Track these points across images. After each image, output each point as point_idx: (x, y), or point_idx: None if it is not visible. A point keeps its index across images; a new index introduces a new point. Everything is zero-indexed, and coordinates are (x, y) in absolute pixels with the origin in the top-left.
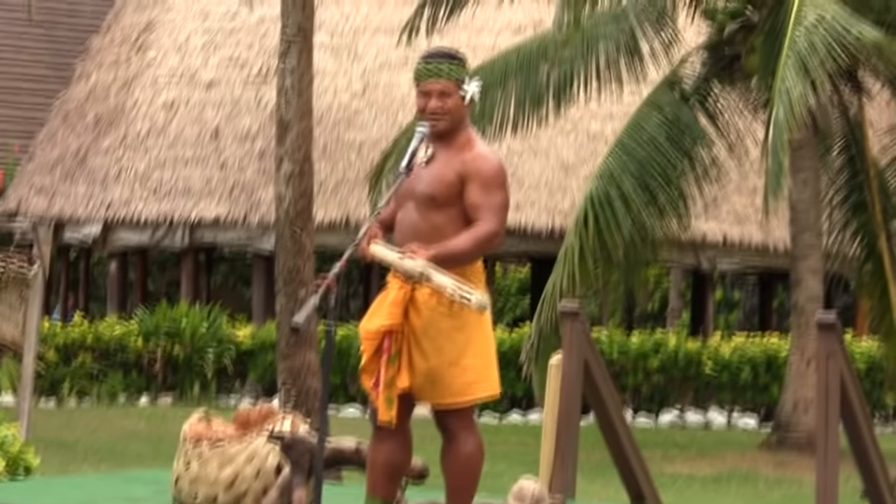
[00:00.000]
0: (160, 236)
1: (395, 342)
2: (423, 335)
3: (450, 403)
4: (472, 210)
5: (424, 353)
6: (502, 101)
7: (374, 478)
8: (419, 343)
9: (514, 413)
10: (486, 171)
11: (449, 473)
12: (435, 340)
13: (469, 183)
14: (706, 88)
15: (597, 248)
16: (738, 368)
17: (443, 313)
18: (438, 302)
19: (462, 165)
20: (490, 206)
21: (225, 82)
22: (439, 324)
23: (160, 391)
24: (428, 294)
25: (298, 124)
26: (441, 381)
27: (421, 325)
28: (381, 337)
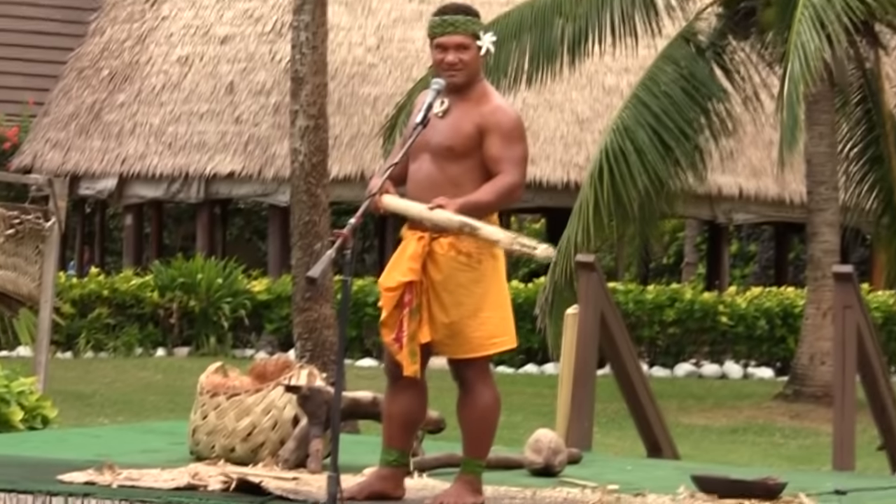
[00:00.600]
0: (175, 190)
1: (416, 295)
2: (442, 289)
3: (469, 356)
4: (493, 163)
5: (444, 307)
6: (517, 55)
7: (390, 429)
8: (438, 296)
9: (530, 366)
10: (505, 123)
11: (466, 424)
12: (454, 294)
13: (488, 135)
14: (722, 42)
15: (612, 202)
16: (754, 321)
17: (461, 266)
18: (457, 254)
19: (481, 118)
20: (511, 159)
21: (239, 37)
22: (458, 277)
23: (176, 344)
24: (447, 247)
25: (313, 79)
26: (461, 334)
27: (440, 279)
28: (402, 291)
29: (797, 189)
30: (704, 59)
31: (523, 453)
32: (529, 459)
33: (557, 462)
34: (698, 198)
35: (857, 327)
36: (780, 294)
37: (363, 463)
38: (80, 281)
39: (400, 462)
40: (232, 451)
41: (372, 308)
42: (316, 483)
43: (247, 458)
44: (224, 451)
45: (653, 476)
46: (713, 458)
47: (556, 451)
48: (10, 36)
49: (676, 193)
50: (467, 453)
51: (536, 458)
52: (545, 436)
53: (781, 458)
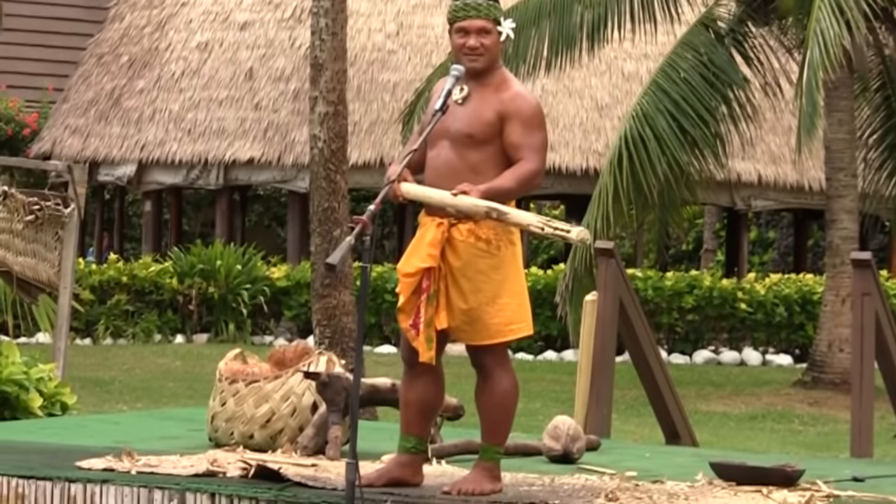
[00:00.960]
0: (194, 176)
1: (434, 281)
2: (460, 275)
3: (487, 343)
4: (514, 149)
5: (463, 293)
6: (536, 41)
7: (408, 416)
8: (457, 283)
9: (549, 353)
10: (525, 110)
11: (484, 410)
12: (473, 280)
13: (509, 122)
14: (741, 29)
15: (631, 189)
16: (772, 307)
17: (480, 252)
18: (476, 241)
19: (501, 105)
20: (531, 146)
21: (259, 23)
22: (477, 263)
23: (195, 330)
24: (466, 233)
25: (332, 65)
26: (479, 320)
27: (459, 265)
28: (420, 277)
29: (816, 176)
30: (724, 45)
31: (542, 440)
32: (548, 446)
33: (576, 449)
34: (717, 184)
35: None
36: (799, 281)
37: (382, 450)
38: (99, 267)
39: (418, 448)
40: (251, 438)
41: (391, 295)
42: (335, 470)
43: (265, 445)
44: (243, 438)
45: (671, 463)
46: (732, 444)
47: (575, 438)
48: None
49: (696, 180)
50: (486, 440)
51: (555, 445)
52: (564, 422)
53: (800, 445)
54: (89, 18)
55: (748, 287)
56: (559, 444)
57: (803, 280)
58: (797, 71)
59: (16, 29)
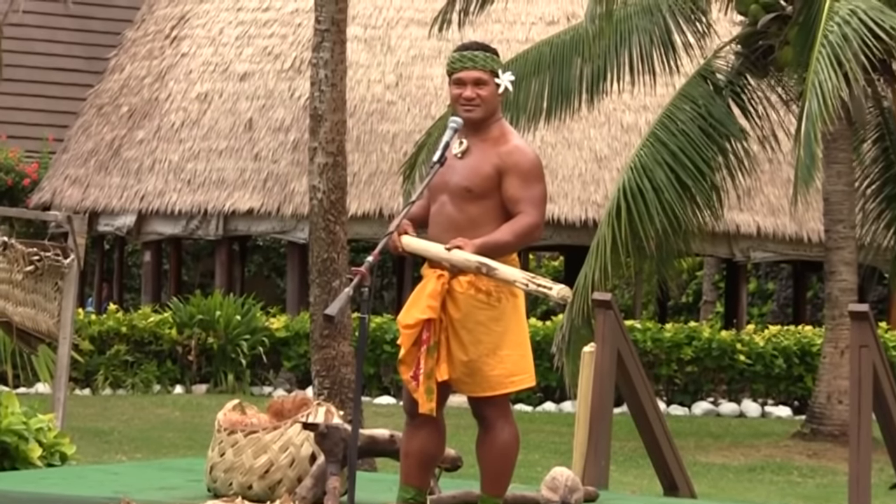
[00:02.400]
0: (194, 227)
1: (434, 333)
2: (461, 327)
3: (488, 395)
4: (512, 203)
5: (463, 345)
6: (536, 93)
7: (408, 466)
8: (457, 334)
9: (548, 404)
10: (524, 164)
11: (485, 461)
12: (473, 332)
13: (507, 176)
14: (739, 81)
15: (629, 240)
16: (771, 359)
17: (481, 304)
18: (476, 292)
19: (499, 158)
20: (530, 199)
21: (258, 74)
22: (477, 315)
23: (194, 381)
24: (466, 285)
25: (332, 116)
26: (479, 372)
27: (459, 317)
28: (420, 328)
29: (815, 227)
30: (722, 97)
31: (540, 491)
32: (546, 497)
33: (574, 500)
34: (716, 236)
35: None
36: (798, 332)
37: (380, 501)
38: (98, 318)
39: (417, 500)
40: (249, 489)
41: (389, 345)
42: None
43: (264, 496)
44: (241, 489)
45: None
46: (731, 496)
47: (573, 490)
48: (29, 72)
49: (694, 232)
50: (486, 490)
51: (553, 497)
52: (562, 474)
53: (799, 497)
54: (89, 69)
55: (747, 339)
56: (557, 496)
57: (802, 332)
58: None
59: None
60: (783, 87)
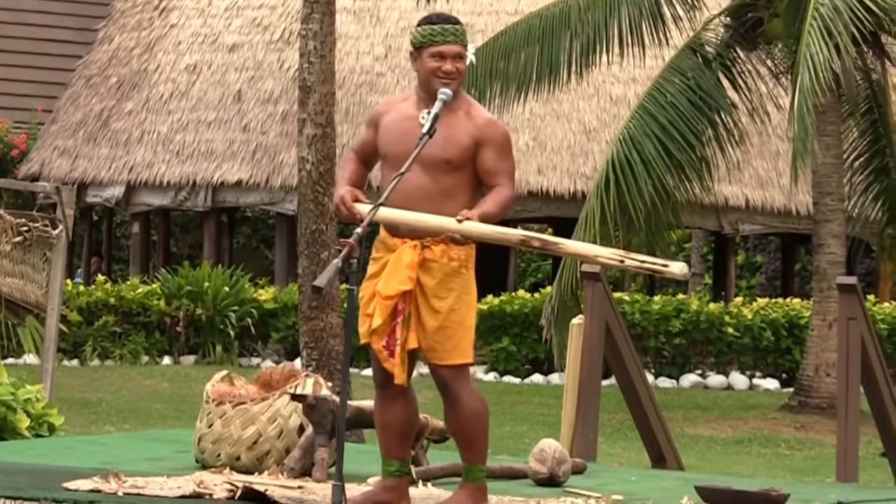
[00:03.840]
0: (183, 198)
1: (409, 304)
2: (432, 295)
3: (457, 363)
4: (489, 175)
5: (436, 312)
6: (525, 65)
7: (387, 439)
8: (429, 302)
9: (536, 376)
10: (500, 136)
11: (459, 430)
12: (446, 299)
13: (484, 148)
14: (729, 53)
15: (618, 212)
16: (759, 332)
17: (454, 271)
18: (449, 261)
19: (477, 130)
20: (506, 172)
21: (248, 45)
22: (451, 282)
23: (182, 352)
24: (440, 253)
25: (321, 87)
26: (452, 339)
27: (433, 284)
28: (397, 300)
29: (803, 200)
30: (711, 69)
31: (528, 463)
32: (534, 469)
33: (562, 472)
34: (705, 208)
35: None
36: (786, 305)
37: (368, 472)
38: (86, 289)
39: (402, 471)
40: (237, 460)
41: None
42: (321, 492)
43: (252, 467)
44: (229, 460)
45: (657, 487)
46: (718, 468)
47: (561, 462)
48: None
49: (683, 204)
50: (466, 460)
51: (541, 468)
52: (550, 446)
53: (786, 469)
54: (78, 40)
55: (735, 311)
56: (545, 468)
57: (790, 304)
58: (784, 95)
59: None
60: (772, 60)
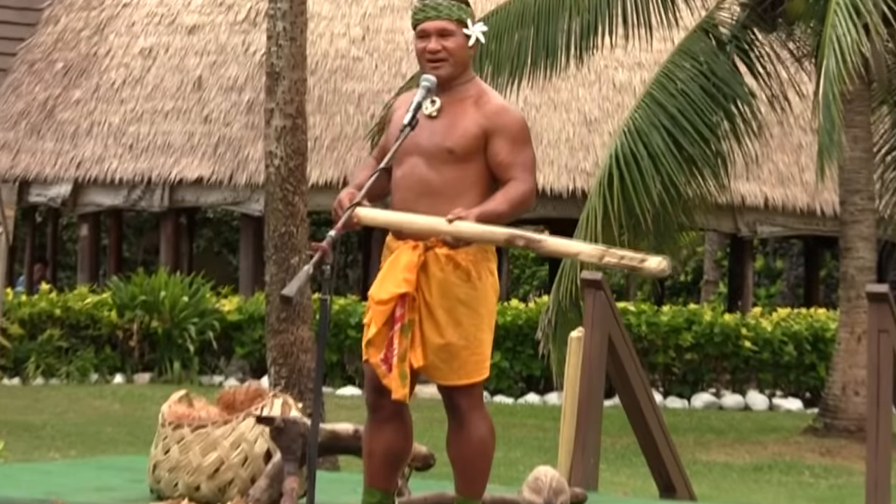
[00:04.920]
0: (136, 197)
1: (409, 311)
2: (437, 306)
3: (466, 383)
4: (502, 169)
5: (439, 327)
6: (518, 48)
7: (372, 467)
8: (432, 315)
9: (531, 395)
10: (513, 125)
11: (459, 459)
12: (451, 312)
13: (495, 139)
14: (745, 35)
15: (623, 212)
16: (780, 346)
17: (459, 281)
18: (455, 268)
19: (486, 119)
20: (522, 164)
21: (209, 26)
22: (456, 293)
23: (136, 369)
24: (444, 259)
25: (290, 74)
26: (457, 357)
27: (436, 295)
28: (394, 304)
29: (829, 199)
30: (726, 53)
31: (521, 493)
32: (528, 500)
33: (559, 503)
34: (719, 208)
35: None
36: (810, 316)
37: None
38: (29, 298)
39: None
40: (197, 490)
41: (354, 330)
42: None
43: (213, 498)
44: (188, 490)
45: None
46: (734, 498)
47: (558, 492)
48: None
49: (695, 203)
50: (461, 492)
51: (536, 499)
52: (546, 474)
53: (810, 499)
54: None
55: (753, 323)
56: (541, 498)
57: (814, 315)
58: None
59: None
60: (794, 42)
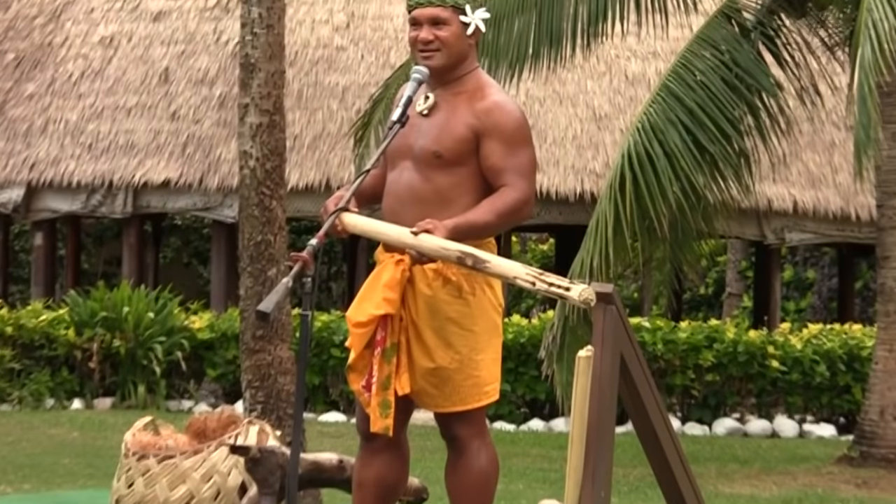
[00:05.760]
0: (96, 202)
1: (392, 332)
2: (425, 326)
3: (461, 409)
4: (494, 174)
5: (427, 349)
6: (519, 36)
7: (361, 500)
8: (420, 336)
9: (535, 421)
10: (507, 124)
11: (458, 492)
12: (441, 332)
13: (487, 140)
14: (772, 22)
15: (636, 218)
16: (811, 366)
17: (451, 298)
18: (444, 283)
19: (476, 118)
20: (516, 169)
21: (176, 13)
22: (446, 311)
23: (97, 393)
24: (432, 274)
25: (267, 65)
26: (450, 382)
27: (422, 314)
28: (375, 326)
29: (865, 202)
30: (750, 41)
31: None
32: None
33: None
34: (743, 213)
35: None
36: (844, 332)
37: None
38: None
39: None
40: None
41: (339, 350)
42: None
43: None
44: None
45: None
46: None
47: None
48: None
49: (716, 207)
50: None
51: None
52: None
53: None
54: None
55: (781, 340)
56: None
57: (849, 331)
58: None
59: None
60: (826, 29)
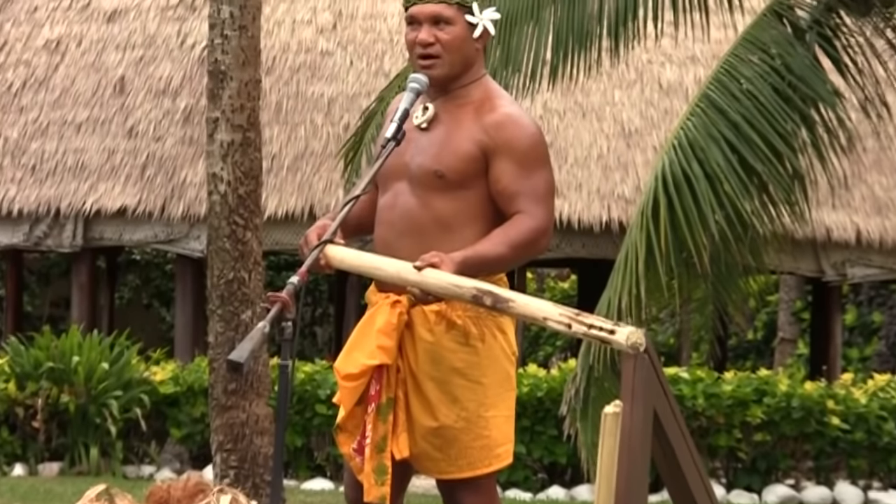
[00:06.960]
0: (41, 234)
1: (389, 386)
2: (426, 378)
3: (468, 476)
4: (506, 199)
5: (429, 405)
6: (535, 41)
7: None
8: (421, 390)
9: (554, 489)
10: (521, 141)
11: None
12: (445, 385)
13: (498, 159)
14: (830, 21)
15: (673, 250)
16: (877, 423)
17: (455, 345)
18: (448, 328)
19: (485, 133)
20: (532, 193)
21: (134, 12)
22: (451, 360)
23: (42, 457)
24: (434, 317)
25: (240, 73)
26: (455, 443)
27: (423, 364)
28: (368, 379)
29: None
30: (805, 43)
31: None
32: None
33: None
34: (797, 244)
35: None
36: None
37: None
38: None
39: None
40: None
41: (325, 406)
42: None
43: None
44: None
45: None
46: None
47: None
48: None
49: (766, 238)
50: None
51: None
52: None
53: None
54: None
55: (843, 394)
56: None
57: None
58: None
59: None
60: (894, 30)
